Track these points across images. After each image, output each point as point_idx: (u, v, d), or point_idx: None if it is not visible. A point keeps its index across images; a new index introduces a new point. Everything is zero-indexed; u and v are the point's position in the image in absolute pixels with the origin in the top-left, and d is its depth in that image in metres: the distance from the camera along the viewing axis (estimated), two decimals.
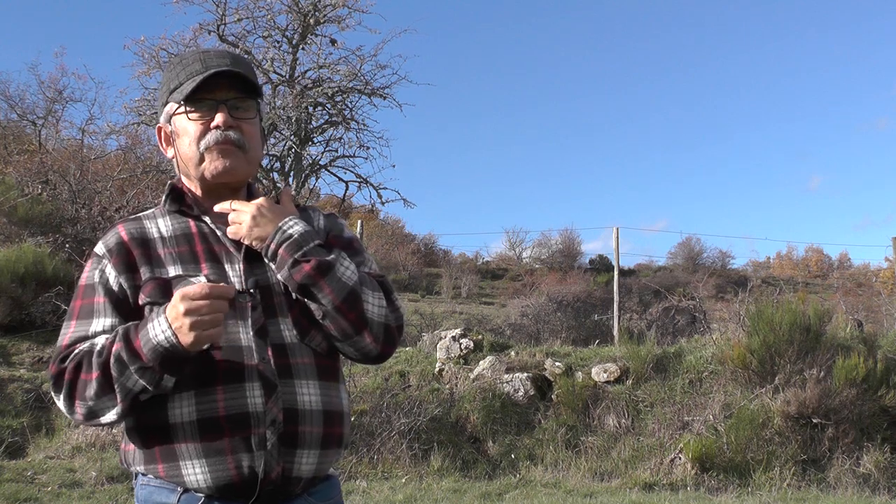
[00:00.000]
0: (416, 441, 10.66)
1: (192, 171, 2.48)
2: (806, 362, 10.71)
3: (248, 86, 2.50)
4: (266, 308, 2.36)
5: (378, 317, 2.41)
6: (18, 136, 30.34)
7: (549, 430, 11.05)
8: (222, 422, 2.22)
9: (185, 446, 2.24)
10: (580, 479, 10.21)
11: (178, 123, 2.48)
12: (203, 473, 2.23)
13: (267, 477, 2.24)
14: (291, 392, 2.30)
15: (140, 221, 2.50)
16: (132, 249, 2.40)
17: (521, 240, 47.52)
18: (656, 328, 16.76)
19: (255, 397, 2.24)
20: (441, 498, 9.31)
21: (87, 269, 2.44)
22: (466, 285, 35.97)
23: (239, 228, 2.39)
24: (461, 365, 12.10)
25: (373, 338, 2.41)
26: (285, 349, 2.34)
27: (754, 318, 11.31)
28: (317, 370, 2.38)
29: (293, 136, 20.28)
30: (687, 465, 10.22)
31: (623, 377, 11.63)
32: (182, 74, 2.47)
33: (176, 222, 2.48)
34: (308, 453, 2.32)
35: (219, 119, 2.43)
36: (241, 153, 2.46)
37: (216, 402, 2.23)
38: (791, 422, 10.44)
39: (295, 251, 2.34)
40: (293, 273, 2.32)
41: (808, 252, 53.10)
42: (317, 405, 2.34)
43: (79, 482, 9.38)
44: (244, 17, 20.03)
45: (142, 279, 2.36)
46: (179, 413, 2.24)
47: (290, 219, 2.41)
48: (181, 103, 2.44)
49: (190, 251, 2.41)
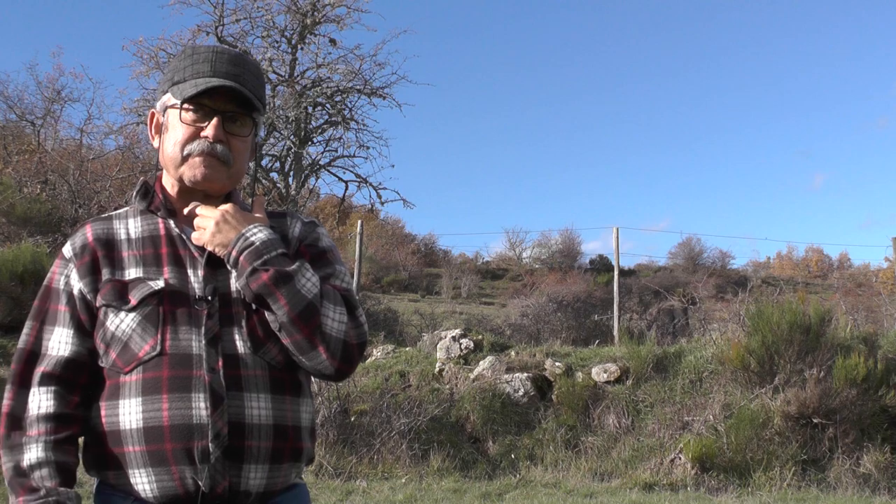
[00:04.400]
0: (416, 441, 10.65)
1: (170, 170, 2.44)
2: (806, 362, 10.70)
3: (249, 103, 2.45)
4: (222, 317, 2.31)
5: (336, 332, 2.32)
6: (17, 136, 30.36)
7: (549, 430, 11.05)
8: (166, 431, 2.18)
9: (133, 454, 2.21)
10: (580, 479, 10.21)
11: (170, 118, 2.44)
12: (150, 483, 2.19)
13: (213, 491, 2.19)
14: (239, 405, 2.24)
15: (109, 221, 2.47)
16: (97, 251, 2.37)
17: (521, 240, 47.43)
18: (656, 328, 16.77)
19: (199, 408, 2.19)
20: (441, 498, 9.30)
21: (55, 269, 2.42)
22: (466, 285, 35.93)
23: (202, 234, 2.36)
24: (461, 365, 12.10)
25: (329, 354, 2.31)
26: (237, 360, 2.28)
27: (754, 318, 11.31)
28: (269, 383, 2.31)
29: (293, 136, 20.30)
30: (687, 465, 10.21)
31: (623, 377, 11.62)
32: (188, 70, 2.42)
33: (145, 223, 2.45)
34: (256, 468, 2.25)
35: (210, 130, 2.39)
36: (223, 167, 2.42)
37: (161, 411, 2.19)
38: (791, 422, 10.43)
39: (254, 259, 2.28)
40: (250, 281, 2.27)
41: (808, 252, 53.14)
42: (266, 419, 2.27)
43: (78, 482, 9.36)
44: (242, 18, 20.03)
45: (100, 281, 2.34)
46: (128, 419, 2.21)
47: (254, 226, 2.36)
48: (178, 101, 2.40)
49: (154, 254, 2.38)
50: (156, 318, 2.26)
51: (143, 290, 2.29)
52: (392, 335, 18.88)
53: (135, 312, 2.27)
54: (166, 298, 2.28)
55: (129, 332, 2.26)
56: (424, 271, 39.56)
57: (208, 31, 19.61)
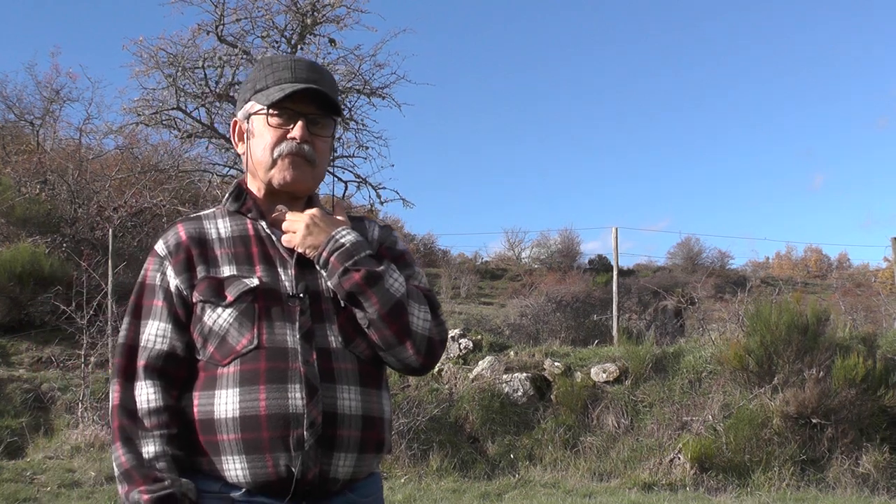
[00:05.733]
0: (416, 441, 10.66)
1: (260, 173, 2.55)
2: (805, 362, 10.71)
3: (330, 106, 2.56)
4: (314, 313, 2.41)
5: (422, 329, 2.46)
6: (16, 136, 30.33)
7: (548, 430, 11.06)
8: (263, 420, 2.27)
9: (227, 441, 2.29)
10: (579, 479, 10.22)
11: (255, 124, 2.55)
12: (242, 469, 2.28)
13: (304, 478, 2.29)
14: (332, 396, 2.34)
15: (199, 221, 2.56)
16: (191, 249, 2.47)
17: (521, 240, 47.42)
18: (655, 328, 16.77)
19: (296, 399, 2.29)
20: (440, 498, 9.31)
21: (149, 267, 2.51)
22: (465, 285, 35.94)
23: (293, 237, 2.46)
24: (460, 365, 12.11)
25: (415, 350, 2.45)
26: (329, 354, 2.38)
27: (753, 318, 11.32)
28: (359, 376, 2.42)
29: None
30: (686, 465, 10.22)
31: (622, 377, 11.63)
32: (270, 78, 2.54)
33: (234, 223, 2.55)
34: (345, 456, 2.35)
35: (297, 131, 2.49)
36: (309, 168, 2.54)
37: (258, 401, 2.28)
38: (790, 422, 10.44)
39: (346, 260, 2.41)
40: (342, 281, 2.39)
41: (807, 252, 53.12)
42: (356, 410, 2.38)
43: (78, 482, 9.37)
44: (242, 18, 19.98)
45: (197, 278, 2.44)
46: (224, 409, 2.30)
47: (342, 229, 2.49)
48: (265, 106, 2.51)
49: (245, 252, 2.47)
50: (252, 313, 2.36)
51: (239, 287, 2.39)
52: None
53: (231, 308, 2.37)
54: (261, 295, 2.38)
55: (227, 327, 2.36)
56: (423, 271, 39.56)
57: (208, 31, 19.53)
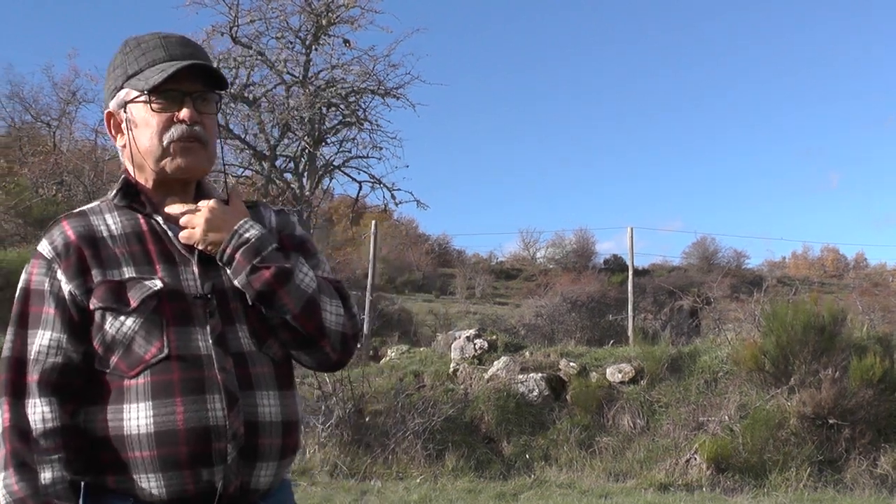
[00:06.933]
0: (431, 441, 10.65)
1: (149, 163, 2.33)
2: (821, 363, 10.66)
3: (212, 79, 2.38)
4: (223, 315, 2.26)
5: (335, 325, 2.33)
6: (33, 137, 30.52)
7: (563, 430, 11.04)
8: (181, 435, 2.12)
9: (140, 458, 2.13)
10: (595, 479, 10.19)
11: (136, 113, 2.33)
12: (158, 487, 2.13)
13: (225, 491, 2.16)
14: (252, 404, 2.21)
15: (86, 217, 2.33)
16: (83, 249, 2.24)
17: (535, 240, 47.48)
18: (671, 328, 16.74)
19: (216, 410, 2.14)
20: (456, 498, 9.30)
21: (34, 271, 2.27)
22: (480, 285, 35.97)
23: (192, 233, 2.28)
24: (475, 365, 12.09)
25: (331, 347, 2.34)
26: (245, 358, 2.24)
27: (769, 318, 11.27)
28: (276, 380, 2.29)
29: (307, 137, 20.30)
30: (702, 465, 10.19)
31: (638, 377, 11.60)
32: (142, 60, 2.33)
33: (125, 218, 2.33)
34: (267, 465, 2.24)
35: (185, 113, 2.30)
36: (203, 150, 2.35)
37: (174, 414, 2.12)
38: (807, 422, 10.39)
39: (253, 257, 2.25)
40: (251, 280, 2.24)
41: (823, 252, 52.96)
42: (276, 416, 2.25)
43: None
44: (257, 19, 20.04)
45: (93, 282, 2.22)
46: (136, 424, 2.12)
47: (245, 221, 2.32)
48: (143, 92, 2.30)
49: (142, 251, 2.28)
50: (159, 319, 2.18)
51: (142, 291, 2.20)
52: (406, 335, 18.92)
53: (135, 314, 2.18)
54: (165, 298, 2.20)
55: (132, 335, 2.17)
56: (438, 271, 39.62)
57: (223, 32, 19.63)
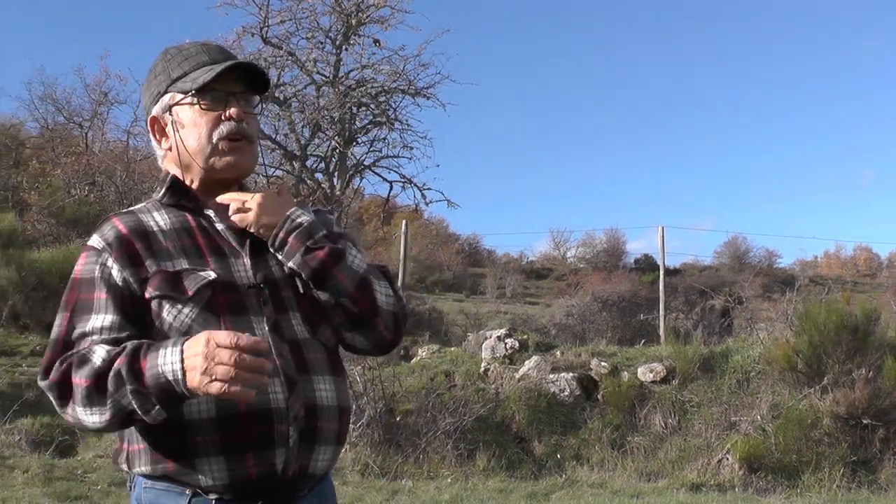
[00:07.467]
0: (462, 441, 10.65)
1: (198, 162, 2.40)
2: (854, 362, 10.59)
3: (255, 81, 2.46)
4: (275, 303, 2.31)
5: (387, 305, 2.38)
6: (65, 138, 30.79)
7: (594, 430, 11.01)
8: (243, 418, 2.14)
9: (203, 444, 2.15)
10: (627, 479, 10.17)
11: (182, 114, 2.41)
12: (220, 471, 2.15)
13: (284, 475, 2.19)
14: (310, 388, 2.26)
15: (134, 215, 2.40)
16: (134, 242, 2.29)
17: (566, 239, 47.53)
18: (702, 328, 16.68)
19: (276, 393, 2.17)
20: (487, 498, 9.30)
21: (82, 262, 2.32)
22: (511, 285, 35.99)
23: (246, 216, 2.34)
24: (506, 365, 12.08)
25: (384, 326, 2.39)
26: (299, 345, 2.30)
27: (802, 317, 11.21)
28: (329, 365, 2.35)
29: (337, 137, 20.34)
30: (735, 465, 10.14)
31: (669, 377, 11.55)
32: (186, 64, 2.42)
33: (173, 216, 2.39)
34: (325, 450, 2.28)
35: (233, 111, 2.38)
36: (249, 147, 2.43)
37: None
38: (840, 422, 10.33)
39: (306, 239, 2.32)
40: (307, 259, 2.30)
41: (856, 251, 52.64)
42: (332, 401, 2.31)
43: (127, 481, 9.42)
44: (287, 19, 20.11)
45: (148, 272, 2.24)
46: (197, 410, 2.14)
47: (296, 209, 2.39)
48: (191, 92, 2.38)
49: (193, 244, 2.33)
50: (215, 307, 2.22)
51: (197, 281, 2.23)
52: (437, 335, 18.93)
53: (192, 303, 2.21)
54: (219, 289, 2.25)
55: (189, 323, 2.19)
56: (469, 271, 39.66)
57: (253, 33, 19.70)
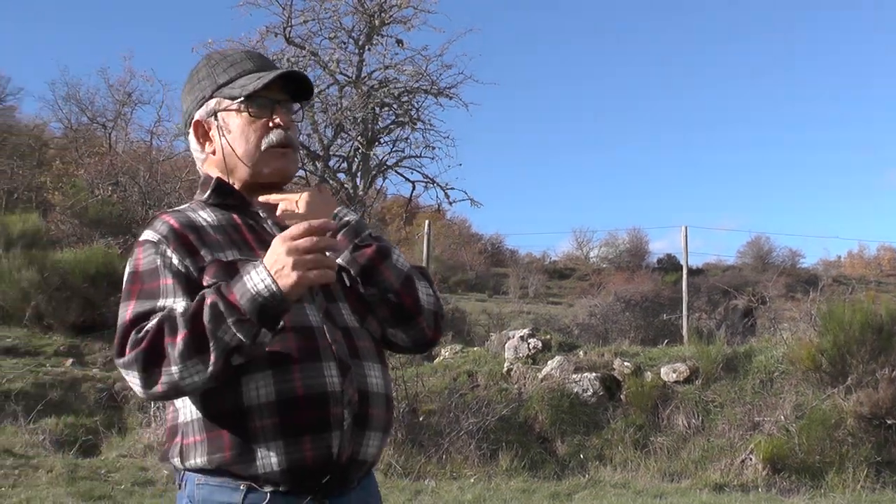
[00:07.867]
0: (485, 441, 10.66)
1: (246, 167, 2.44)
2: (879, 362, 10.54)
3: (300, 89, 2.52)
4: (325, 294, 2.36)
5: (428, 304, 2.45)
6: (89, 138, 30.97)
7: (618, 430, 11.01)
8: (301, 402, 2.18)
9: (262, 429, 2.17)
10: (650, 479, 10.16)
11: (228, 120, 2.45)
12: (278, 455, 2.16)
13: (338, 459, 2.22)
14: (362, 374, 2.30)
15: (182, 212, 2.43)
16: (187, 234, 2.32)
17: (589, 239, 47.45)
18: (725, 328, 16.63)
19: (332, 377, 2.22)
20: (510, 498, 9.30)
21: (140, 255, 2.33)
22: (534, 285, 35.95)
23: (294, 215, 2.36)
24: (529, 365, 12.09)
25: (426, 324, 2.45)
26: (350, 332, 2.34)
27: (825, 317, 11.17)
28: (377, 354, 2.41)
29: (360, 137, 20.36)
30: (758, 465, 10.11)
31: (692, 377, 11.53)
32: (232, 71, 2.47)
33: (219, 213, 2.43)
34: (374, 436, 2.32)
35: (281, 119, 2.44)
36: (294, 154, 2.49)
37: (293, 382, 2.18)
38: (864, 423, 10.29)
39: (354, 236, 2.39)
40: (356, 256, 2.37)
41: (880, 251, 52.22)
42: (381, 388, 2.35)
43: (151, 481, 9.46)
44: (310, 19, 20.13)
45: (204, 261, 2.27)
46: (256, 395, 2.17)
47: (342, 207, 2.48)
48: (238, 100, 2.42)
49: (241, 239, 2.37)
50: None
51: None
52: (460, 335, 18.90)
53: None
54: None
55: None
56: (491, 271, 39.65)
57: (276, 33, 19.71)
